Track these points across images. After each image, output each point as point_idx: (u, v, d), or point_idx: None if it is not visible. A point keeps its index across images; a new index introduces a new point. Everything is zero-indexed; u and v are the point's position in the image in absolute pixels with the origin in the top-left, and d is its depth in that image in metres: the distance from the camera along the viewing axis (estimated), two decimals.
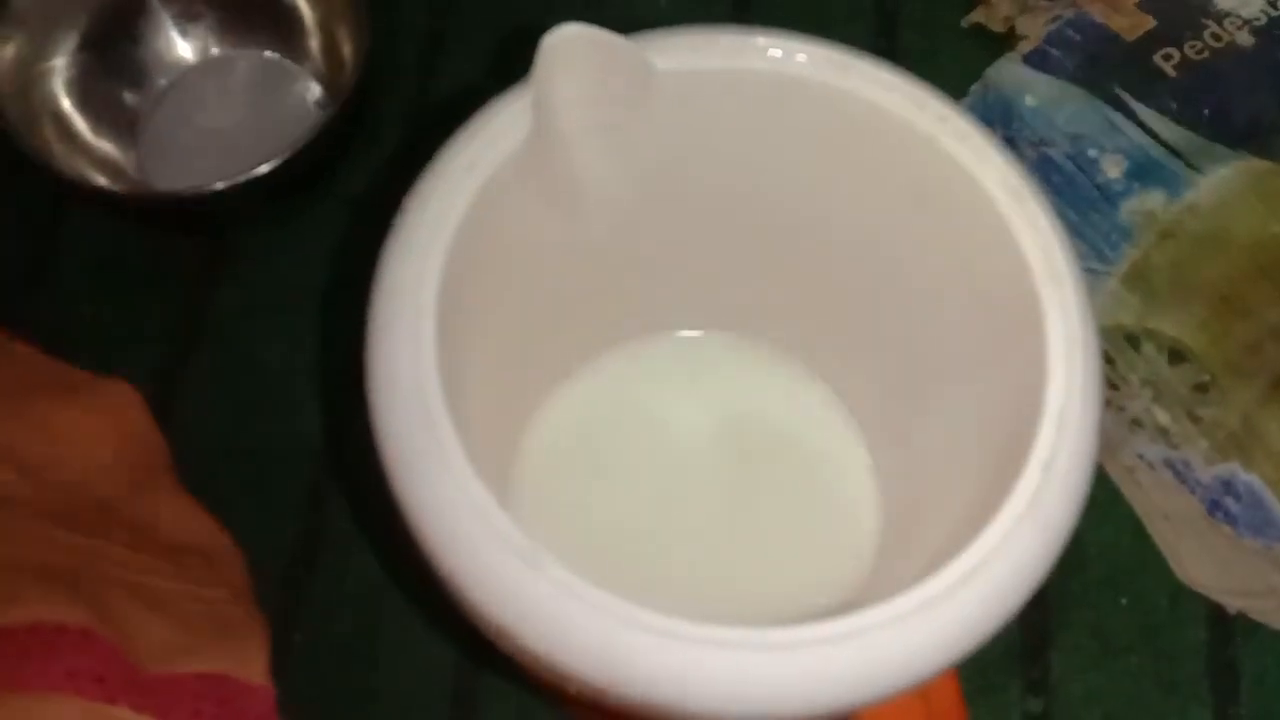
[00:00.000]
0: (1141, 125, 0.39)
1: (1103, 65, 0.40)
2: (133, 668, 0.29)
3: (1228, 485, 0.35)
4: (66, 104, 0.41)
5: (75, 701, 0.27)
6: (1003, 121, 0.40)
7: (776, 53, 0.26)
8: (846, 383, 0.34)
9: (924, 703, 0.25)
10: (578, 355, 0.34)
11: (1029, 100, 0.40)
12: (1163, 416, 0.36)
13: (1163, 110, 0.39)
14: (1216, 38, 0.41)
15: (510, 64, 0.25)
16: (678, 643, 0.20)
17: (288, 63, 0.44)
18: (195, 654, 0.31)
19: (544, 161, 0.26)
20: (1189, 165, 0.38)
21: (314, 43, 0.43)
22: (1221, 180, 0.38)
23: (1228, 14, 0.41)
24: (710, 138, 0.28)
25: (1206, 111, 0.39)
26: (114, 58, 0.42)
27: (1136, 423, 0.37)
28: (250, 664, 0.32)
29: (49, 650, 0.27)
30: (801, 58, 0.26)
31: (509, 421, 0.33)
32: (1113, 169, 0.39)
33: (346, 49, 0.42)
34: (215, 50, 0.44)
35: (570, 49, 0.24)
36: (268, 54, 0.44)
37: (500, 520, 0.21)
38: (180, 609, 0.32)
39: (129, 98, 0.42)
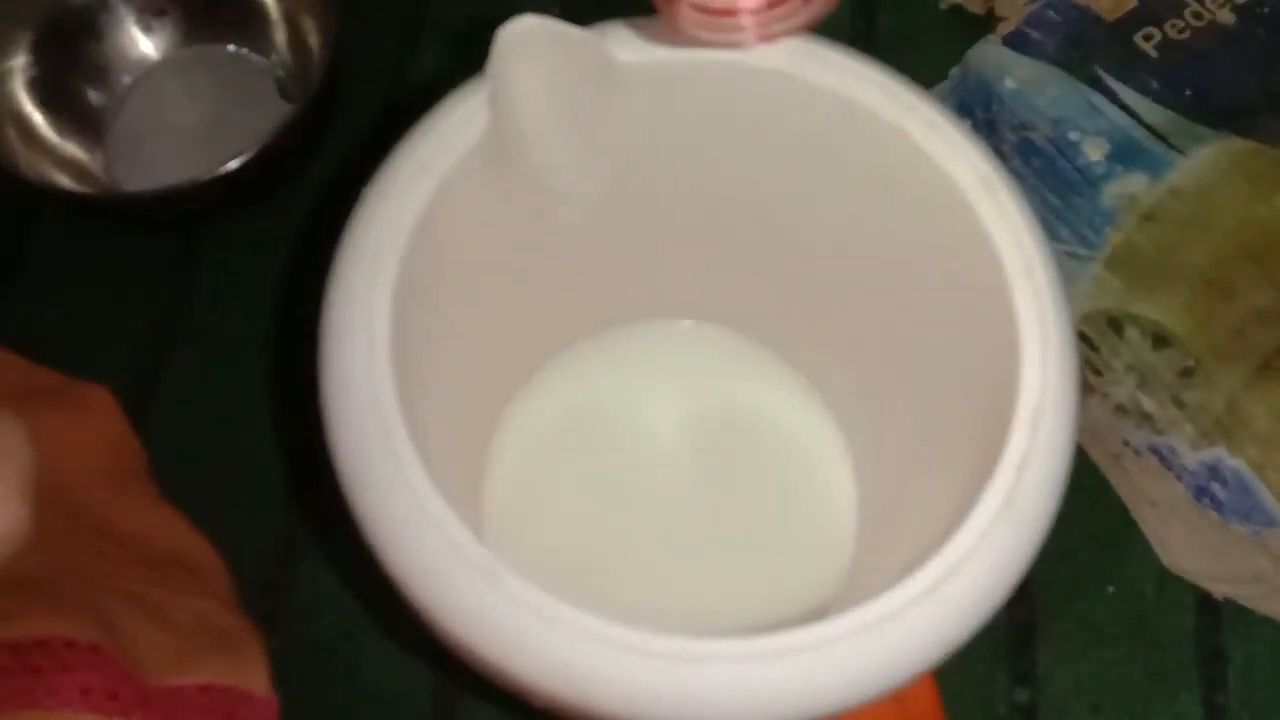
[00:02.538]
0: (1123, 107, 0.38)
1: (1083, 46, 0.40)
2: (141, 682, 0.28)
3: (1214, 470, 0.35)
4: (28, 105, 0.40)
5: (89, 718, 0.27)
6: (983, 105, 0.40)
7: None
8: (824, 376, 0.34)
9: (900, 707, 0.25)
10: (548, 350, 0.34)
11: (1009, 83, 0.39)
12: (1147, 402, 0.36)
13: (1144, 91, 0.39)
14: (1198, 16, 0.40)
15: (483, 53, 0.25)
16: (642, 657, 0.19)
17: (254, 57, 0.43)
18: (197, 665, 0.30)
19: (504, 157, 0.25)
20: (1171, 147, 0.38)
21: (280, 36, 0.42)
22: (1204, 161, 0.37)
23: None
24: (675, 128, 0.27)
25: (1189, 92, 0.39)
26: (76, 56, 0.41)
27: (1121, 409, 0.36)
28: (251, 674, 0.32)
29: (61, 666, 0.27)
30: (765, 47, 0.25)
31: (478, 420, 0.32)
32: (1094, 152, 0.38)
33: (314, 41, 0.41)
34: (180, 46, 0.43)
35: (527, 41, 0.23)
36: (233, 48, 0.43)
37: (457, 531, 0.20)
38: (175, 620, 0.31)
39: (93, 97, 0.42)
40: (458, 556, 0.20)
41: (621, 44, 0.25)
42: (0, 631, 0.27)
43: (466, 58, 0.25)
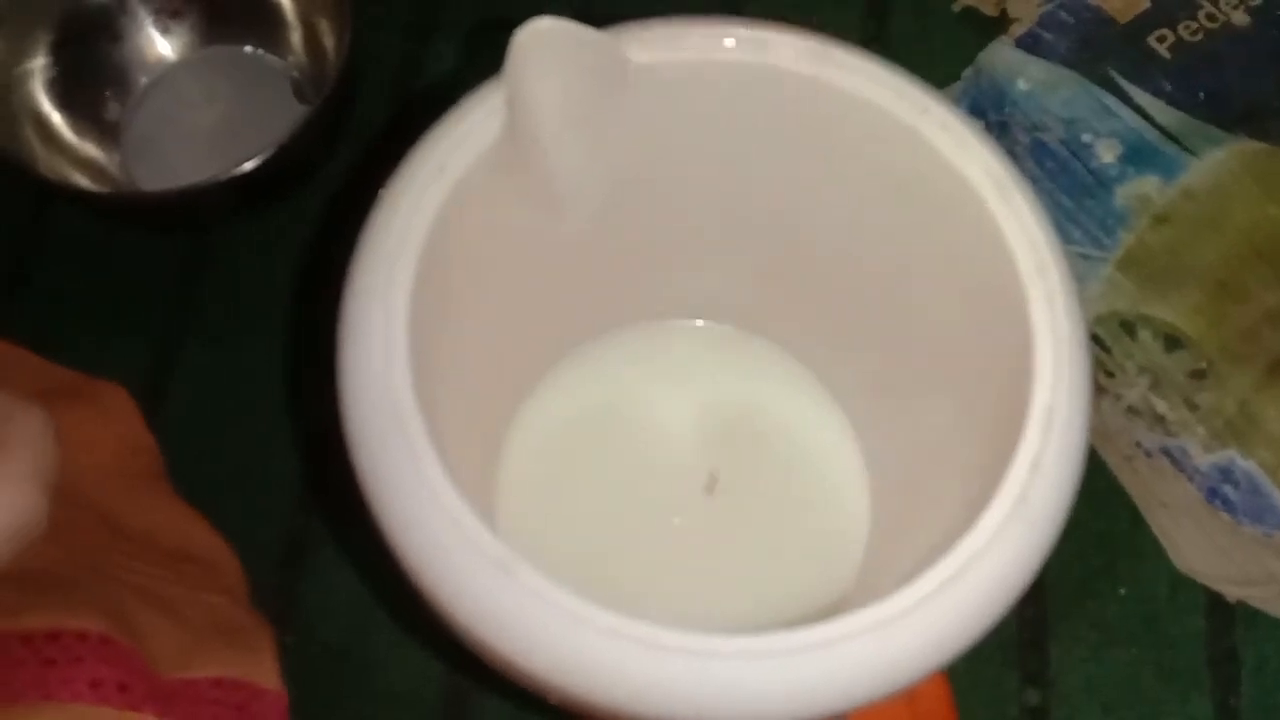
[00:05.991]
0: (1136, 108, 0.38)
1: (1096, 48, 0.40)
2: (153, 674, 0.29)
3: (1226, 472, 0.35)
4: (47, 105, 0.40)
5: (101, 710, 0.27)
6: (995, 106, 0.40)
7: (752, 44, 0.25)
8: (836, 376, 0.34)
9: (911, 705, 0.25)
10: (561, 349, 0.34)
11: (1022, 84, 0.40)
12: (1160, 404, 0.36)
13: (1157, 93, 0.39)
14: (1212, 18, 0.40)
15: (496, 54, 0.25)
16: (658, 652, 0.20)
17: (270, 58, 0.43)
18: (207, 659, 0.31)
19: (519, 158, 0.25)
20: (1184, 148, 0.38)
21: (296, 37, 0.43)
22: (1217, 163, 0.37)
23: None
24: (688, 130, 0.27)
25: (1202, 94, 0.39)
26: (94, 57, 0.42)
27: (1133, 411, 0.36)
28: (262, 668, 0.32)
29: (72, 658, 0.27)
30: (778, 49, 0.25)
31: (492, 419, 0.32)
32: (1107, 153, 0.38)
33: (329, 42, 0.41)
34: (197, 47, 0.43)
35: (543, 43, 0.23)
36: (249, 49, 0.43)
37: (474, 527, 0.20)
38: (186, 615, 0.32)
39: (111, 98, 0.42)
40: (474, 551, 0.20)
41: (636, 46, 0.25)
42: (14, 623, 0.27)
43: (481, 59, 0.25)
